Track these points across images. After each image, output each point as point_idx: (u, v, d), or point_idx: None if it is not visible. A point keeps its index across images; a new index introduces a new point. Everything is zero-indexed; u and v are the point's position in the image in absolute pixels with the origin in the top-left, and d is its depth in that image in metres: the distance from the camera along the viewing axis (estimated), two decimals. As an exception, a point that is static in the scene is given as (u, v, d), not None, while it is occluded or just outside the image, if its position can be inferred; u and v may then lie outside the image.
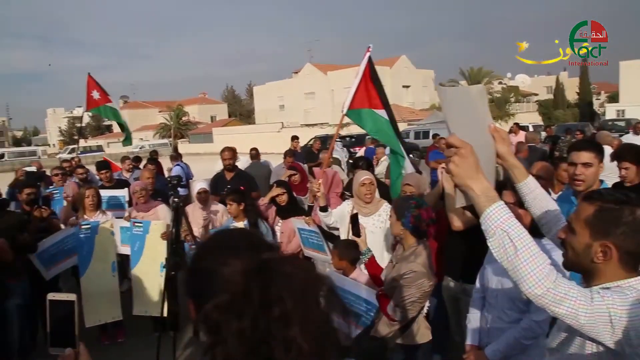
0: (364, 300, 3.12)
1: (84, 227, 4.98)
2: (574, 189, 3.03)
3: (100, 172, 6.88)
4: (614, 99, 43.11)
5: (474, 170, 1.44)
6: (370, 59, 5.03)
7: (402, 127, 5.14)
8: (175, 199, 4.26)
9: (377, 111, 5.00)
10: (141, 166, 9.16)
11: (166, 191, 6.31)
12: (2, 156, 37.85)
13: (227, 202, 4.86)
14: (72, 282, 5.84)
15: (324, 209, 4.36)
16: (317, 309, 0.84)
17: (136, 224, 5.03)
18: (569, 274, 1.75)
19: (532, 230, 1.52)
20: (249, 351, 0.80)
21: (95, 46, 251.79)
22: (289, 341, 0.79)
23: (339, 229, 4.44)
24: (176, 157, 11.24)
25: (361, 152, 12.90)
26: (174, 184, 4.42)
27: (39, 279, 4.65)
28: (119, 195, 6.43)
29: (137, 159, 9.99)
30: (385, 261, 3.62)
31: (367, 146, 12.93)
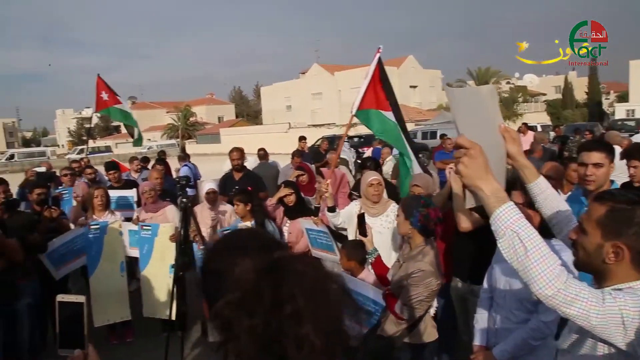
0: (372, 300, 3.12)
1: (93, 227, 5.00)
2: (584, 189, 3.01)
3: (108, 172, 6.91)
4: (623, 98, 42.76)
5: (483, 170, 1.43)
6: (380, 60, 5.03)
7: (409, 127, 5.16)
8: (183, 200, 4.28)
9: (385, 113, 5.01)
10: (149, 167, 9.18)
11: (174, 191, 6.33)
12: (12, 157, 38.20)
13: (235, 202, 4.87)
14: (81, 282, 5.88)
15: (332, 209, 4.35)
16: (329, 306, 0.85)
17: (144, 227, 5.05)
18: (578, 275, 1.73)
19: (541, 230, 1.51)
20: (261, 348, 0.81)
21: (103, 47, 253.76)
22: (301, 339, 0.80)
23: (346, 229, 4.44)
24: (184, 157, 11.25)
25: (369, 152, 12.89)
26: (182, 185, 4.44)
27: (49, 279, 4.67)
28: (128, 195, 6.46)
29: (145, 159, 10.01)
30: (392, 261, 3.61)
31: (375, 146, 12.91)
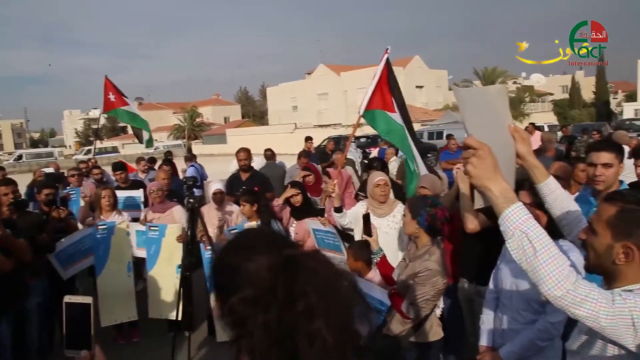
0: (378, 300, 3.13)
1: (100, 227, 5.03)
2: (594, 189, 3.00)
3: (115, 173, 6.94)
4: (631, 97, 42.42)
5: (492, 171, 1.42)
6: (388, 60, 5.03)
7: (415, 127, 5.17)
8: (190, 200, 4.29)
9: (390, 114, 5.00)
10: (156, 167, 9.22)
11: (181, 192, 6.35)
12: (20, 157, 38.49)
13: (241, 202, 4.88)
14: (88, 282, 5.91)
15: (339, 210, 4.35)
16: (340, 304, 0.86)
17: (152, 228, 5.06)
18: (586, 276, 1.72)
19: (549, 231, 1.50)
20: (274, 344, 0.81)
21: (110, 48, 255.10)
22: (312, 335, 0.81)
23: (353, 230, 4.43)
24: (191, 158, 11.27)
25: (375, 152, 12.87)
26: (189, 185, 4.45)
27: (57, 279, 4.70)
28: (135, 195, 6.48)
29: (152, 160, 10.03)
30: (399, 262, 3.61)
31: (381, 147, 12.88)
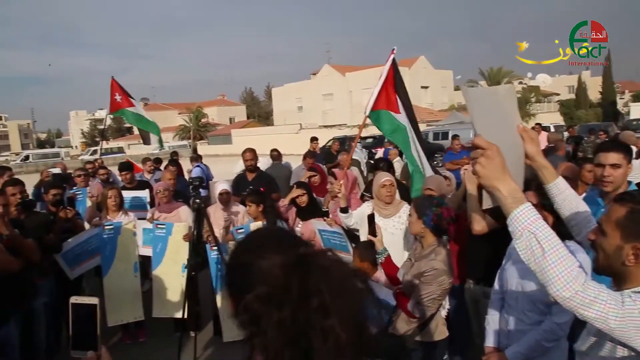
0: (384, 300, 3.12)
1: (107, 227, 5.05)
2: (601, 190, 2.98)
3: (121, 173, 6.95)
4: (638, 97, 42.19)
5: (501, 171, 1.41)
6: (394, 61, 5.02)
7: (421, 128, 5.16)
8: (197, 201, 4.30)
9: (395, 114, 5.00)
10: (162, 167, 9.24)
11: (187, 192, 6.36)
12: (27, 158, 38.71)
13: (247, 203, 4.88)
14: (95, 281, 5.93)
15: (345, 210, 4.35)
16: (353, 301, 0.87)
17: (159, 226, 5.07)
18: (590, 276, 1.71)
19: (556, 232, 1.49)
20: (288, 341, 0.82)
21: (116, 49, 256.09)
22: (327, 331, 0.82)
23: (358, 230, 4.43)
24: (196, 158, 11.29)
25: (380, 153, 12.86)
26: (195, 186, 4.47)
27: (64, 279, 4.72)
28: (142, 196, 6.50)
29: (158, 160, 10.06)
30: (405, 262, 3.60)
31: (386, 147, 12.86)
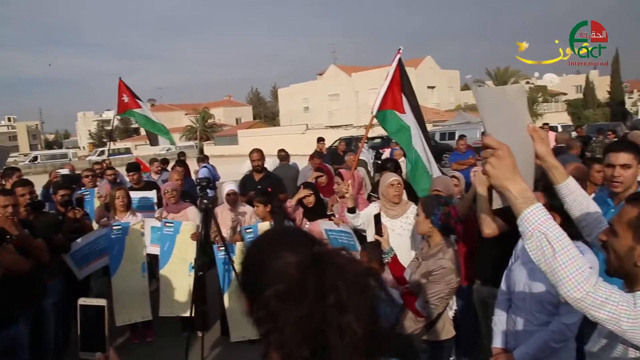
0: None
1: (115, 227, 5.08)
2: (611, 190, 2.96)
3: (129, 174, 6.99)
4: (647, 97, 41.89)
5: (511, 171, 1.40)
6: (400, 60, 5.01)
7: (427, 128, 5.15)
8: (204, 201, 4.31)
9: (400, 114, 4.99)
10: (169, 168, 9.28)
11: (194, 193, 6.37)
12: (35, 159, 39.00)
13: (254, 203, 4.89)
14: (103, 281, 5.96)
15: (352, 210, 4.34)
16: (368, 298, 0.89)
17: (167, 224, 5.09)
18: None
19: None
20: (305, 338, 0.84)
21: (123, 50, 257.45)
22: (344, 328, 0.84)
23: (365, 230, 4.42)
24: (203, 159, 11.34)
25: (387, 153, 12.82)
26: (203, 186, 4.48)
27: (72, 279, 4.75)
28: (150, 196, 6.53)
29: (165, 161, 10.10)
30: (413, 263, 3.59)
31: (392, 147, 12.83)
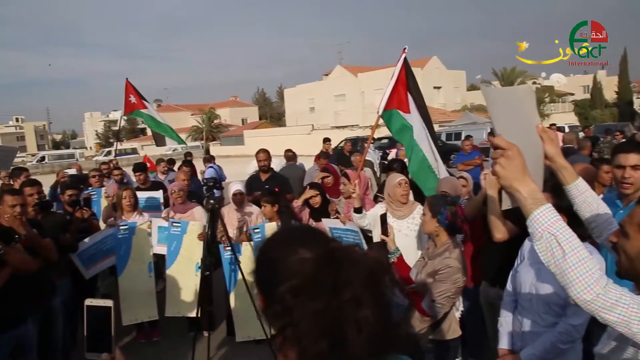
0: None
1: (122, 227, 5.10)
2: (621, 192, 2.93)
3: (135, 174, 7.01)
4: (655, 97, 41.53)
5: (521, 172, 1.39)
6: (406, 60, 4.99)
7: (434, 128, 5.11)
8: (211, 201, 4.32)
9: (404, 114, 4.98)
10: (175, 168, 9.31)
11: (200, 193, 6.39)
12: (42, 159, 39.30)
13: (262, 203, 4.90)
14: (110, 281, 5.98)
15: (359, 210, 4.33)
16: (383, 293, 0.90)
17: (174, 224, 5.10)
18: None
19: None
20: (322, 332, 0.85)
21: (128, 50, 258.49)
22: (361, 322, 0.85)
23: (372, 231, 4.40)
24: (209, 159, 11.37)
25: (392, 154, 12.80)
26: (210, 186, 4.49)
27: (80, 278, 4.78)
28: (156, 196, 6.55)
29: (171, 161, 10.14)
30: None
31: (398, 148, 12.80)
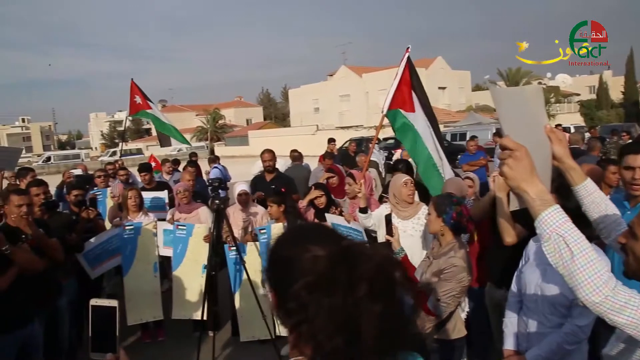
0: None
1: (127, 227, 5.11)
2: (630, 193, 2.90)
3: (141, 174, 7.02)
4: (662, 98, 41.21)
5: (529, 173, 1.38)
6: (409, 59, 4.98)
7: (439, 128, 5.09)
8: (216, 201, 4.33)
9: (407, 113, 4.96)
10: (180, 168, 9.32)
11: (205, 193, 6.39)
12: (48, 159, 39.56)
13: (268, 203, 4.90)
14: (115, 281, 6.00)
15: (364, 210, 4.32)
16: (395, 289, 0.92)
17: (179, 227, 5.10)
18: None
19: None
20: (337, 327, 0.86)
21: (131, 51, 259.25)
22: (375, 317, 0.86)
23: (376, 232, 4.39)
24: (214, 159, 11.38)
25: (398, 154, 12.76)
26: (215, 186, 4.49)
27: (85, 278, 4.79)
28: (162, 196, 6.56)
29: (177, 161, 10.16)
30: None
31: (403, 148, 12.74)
